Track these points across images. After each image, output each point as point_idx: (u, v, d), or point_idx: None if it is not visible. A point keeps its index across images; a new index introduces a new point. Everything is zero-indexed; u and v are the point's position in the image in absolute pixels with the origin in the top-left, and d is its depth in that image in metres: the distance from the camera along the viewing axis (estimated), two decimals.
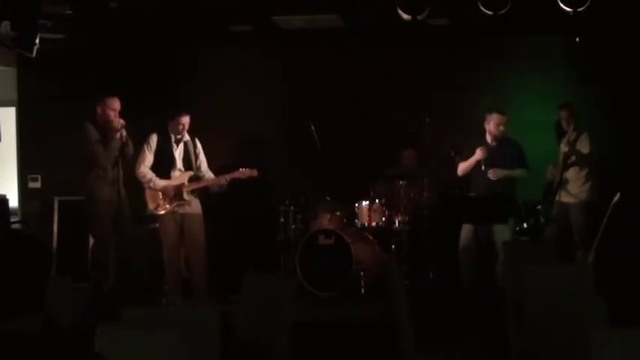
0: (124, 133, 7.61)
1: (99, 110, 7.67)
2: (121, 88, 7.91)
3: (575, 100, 8.50)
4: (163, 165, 7.90)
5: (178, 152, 7.98)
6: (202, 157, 8.11)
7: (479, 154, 7.97)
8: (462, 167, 8.13)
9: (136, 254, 8.01)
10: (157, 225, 8.05)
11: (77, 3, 6.95)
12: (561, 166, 8.07)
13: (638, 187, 8.29)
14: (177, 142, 7.96)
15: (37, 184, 9.62)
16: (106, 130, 7.63)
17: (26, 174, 9.66)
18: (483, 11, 7.17)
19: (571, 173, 8.06)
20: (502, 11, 7.13)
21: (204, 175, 8.05)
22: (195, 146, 8.06)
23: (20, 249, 2.81)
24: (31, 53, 7.19)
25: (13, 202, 9.43)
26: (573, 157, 8.02)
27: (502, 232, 7.83)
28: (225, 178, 7.94)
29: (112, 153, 7.61)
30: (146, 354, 3.51)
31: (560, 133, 8.19)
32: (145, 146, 7.89)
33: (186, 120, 7.88)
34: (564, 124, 8.15)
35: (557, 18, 7.45)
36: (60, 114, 9.10)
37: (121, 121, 7.62)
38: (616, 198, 7.65)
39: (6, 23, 6.92)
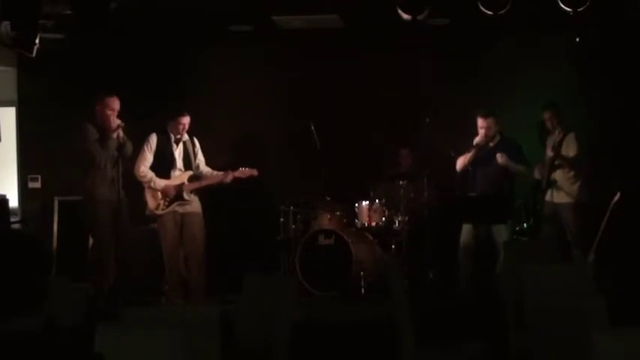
0: (121, 133, 7.60)
1: (97, 109, 7.67)
2: (121, 88, 7.90)
3: (575, 100, 8.50)
4: (164, 165, 7.91)
5: (178, 152, 7.98)
6: (200, 156, 8.12)
7: (477, 140, 7.99)
8: (461, 160, 8.13)
9: (136, 254, 8.01)
10: (157, 225, 8.06)
11: (77, 3, 6.95)
12: (548, 167, 8.05)
13: (637, 187, 8.29)
14: (177, 141, 7.97)
15: (37, 184, 9.62)
16: (104, 129, 7.63)
17: (26, 174, 9.66)
18: (483, 11, 7.17)
19: (559, 174, 8.05)
20: (502, 11, 7.13)
21: (201, 173, 8.05)
22: (194, 145, 8.07)
23: (20, 249, 2.81)
24: (31, 53, 7.19)
25: (13, 202, 9.43)
26: (559, 160, 8.01)
27: (501, 232, 7.84)
28: (230, 176, 7.94)
29: (110, 152, 7.61)
30: (146, 354, 3.51)
31: (544, 134, 8.19)
32: (145, 146, 7.89)
33: (186, 120, 7.89)
34: (549, 124, 8.14)
35: (557, 18, 7.45)
36: (60, 114, 9.10)
37: (118, 121, 7.62)
38: (616, 198, 7.65)
39: (6, 23, 6.93)
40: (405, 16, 7.25)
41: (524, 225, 8.26)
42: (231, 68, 9.46)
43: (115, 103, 7.67)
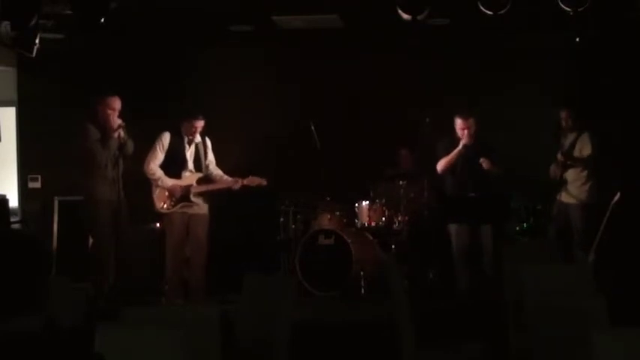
0: (122, 133, 7.60)
1: (98, 109, 7.68)
2: (121, 88, 7.90)
3: (575, 100, 8.47)
4: (175, 165, 7.91)
5: (190, 153, 7.98)
6: (211, 157, 8.12)
7: (464, 141, 7.98)
8: (444, 162, 8.10)
9: (136, 254, 8.01)
10: (162, 224, 8.08)
11: (77, 3, 6.95)
12: (560, 167, 8.04)
13: (638, 187, 8.28)
14: (190, 142, 7.97)
15: (37, 184, 9.62)
16: (105, 129, 7.64)
17: (26, 174, 9.67)
18: (483, 11, 7.17)
19: (571, 174, 8.04)
20: (502, 11, 7.12)
21: (211, 174, 8.05)
22: (205, 146, 8.07)
23: (20, 249, 2.81)
24: (31, 53, 7.19)
25: (13, 202, 9.43)
26: (571, 161, 7.99)
27: (486, 232, 7.85)
28: (239, 183, 7.95)
29: (111, 152, 7.61)
30: (146, 354, 3.51)
31: (559, 133, 8.17)
32: (157, 144, 7.90)
33: (200, 124, 7.89)
34: (563, 124, 8.13)
35: (557, 18, 7.44)
36: (60, 114, 9.11)
37: (119, 121, 7.62)
38: (616, 198, 7.64)
39: (6, 23, 6.92)
40: (405, 16, 7.23)
41: (524, 225, 8.26)
42: (231, 68, 9.46)
43: (116, 103, 7.68)
